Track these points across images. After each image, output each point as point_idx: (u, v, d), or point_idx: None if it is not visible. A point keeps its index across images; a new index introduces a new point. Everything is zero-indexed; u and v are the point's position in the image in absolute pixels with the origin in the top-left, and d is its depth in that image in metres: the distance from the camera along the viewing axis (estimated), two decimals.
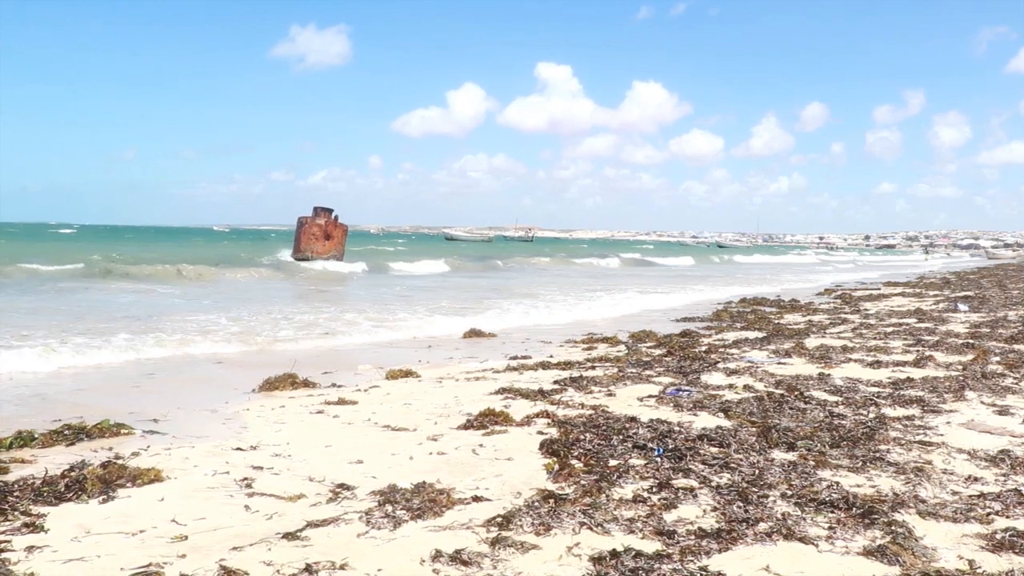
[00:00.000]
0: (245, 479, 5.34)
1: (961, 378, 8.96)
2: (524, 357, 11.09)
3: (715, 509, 4.70)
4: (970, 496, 4.99)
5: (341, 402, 7.91)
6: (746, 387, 8.57)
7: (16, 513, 4.57)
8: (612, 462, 5.61)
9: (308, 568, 3.86)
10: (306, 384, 8.85)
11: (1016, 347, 11.51)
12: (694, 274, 41.37)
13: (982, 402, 7.82)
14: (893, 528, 4.35)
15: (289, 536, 4.28)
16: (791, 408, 7.42)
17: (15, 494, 4.83)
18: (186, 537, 4.28)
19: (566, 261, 54.16)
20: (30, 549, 4.09)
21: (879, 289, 27.18)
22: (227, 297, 20.35)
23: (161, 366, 10.07)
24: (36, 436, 6.18)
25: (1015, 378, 9.05)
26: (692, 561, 3.94)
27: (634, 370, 9.73)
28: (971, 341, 12.15)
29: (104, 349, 10.74)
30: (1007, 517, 4.62)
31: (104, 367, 9.77)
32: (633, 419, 6.94)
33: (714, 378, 9.16)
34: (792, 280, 35.15)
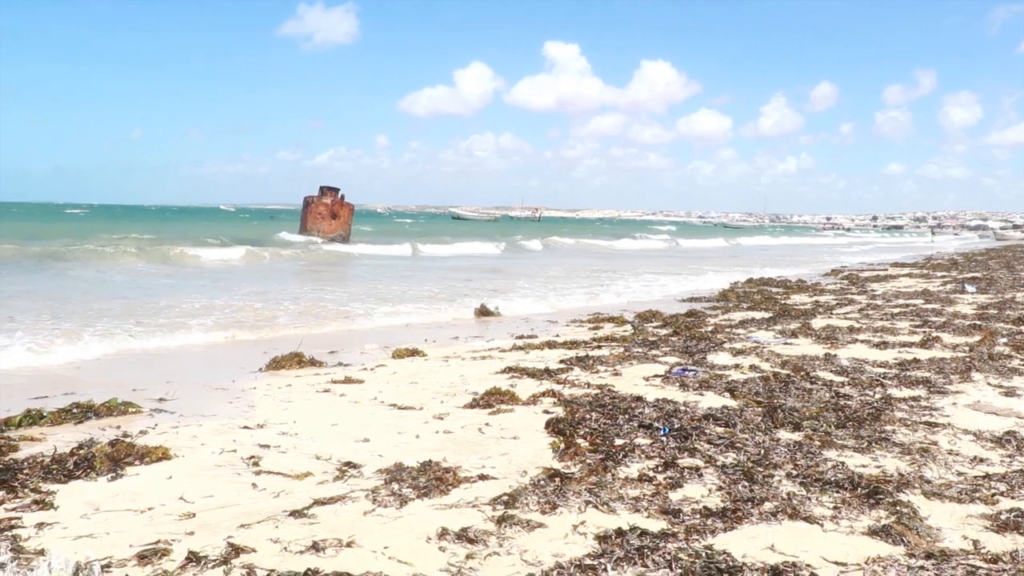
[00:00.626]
0: (252, 457, 5.37)
1: (968, 359, 8.94)
2: (530, 336, 11.10)
3: (720, 488, 4.71)
4: (975, 477, 4.99)
5: (347, 381, 7.93)
6: (752, 367, 8.56)
7: (26, 490, 4.61)
8: (618, 441, 5.63)
9: (315, 545, 3.88)
10: (312, 363, 8.87)
11: (1023, 328, 11.47)
12: (728, 256, 40.21)
13: (988, 383, 7.81)
14: (898, 508, 4.36)
15: (296, 514, 4.30)
16: (797, 388, 7.41)
17: (25, 472, 4.87)
18: (194, 515, 4.32)
19: (601, 241, 53.10)
20: (40, 526, 4.13)
21: (886, 270, 27.08)
22: (262, 276, 20.41)
23: (169, 345, 10.09)
24: (45, 415, 6.22)
25: (1022, 360, 9.02)
26: (697, 540, 3.96)
27: (640, 350, 9.73)
28: (978, 322, 12.11)
29: (120, 331, 10.80)
30: (1012, 498, 4.62)
31: (121, 347, 9.78)
32: (639, 398, 6.94)
33: (720, 358, 9.15)
34: (828, 261, 34.58)
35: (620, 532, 4.00)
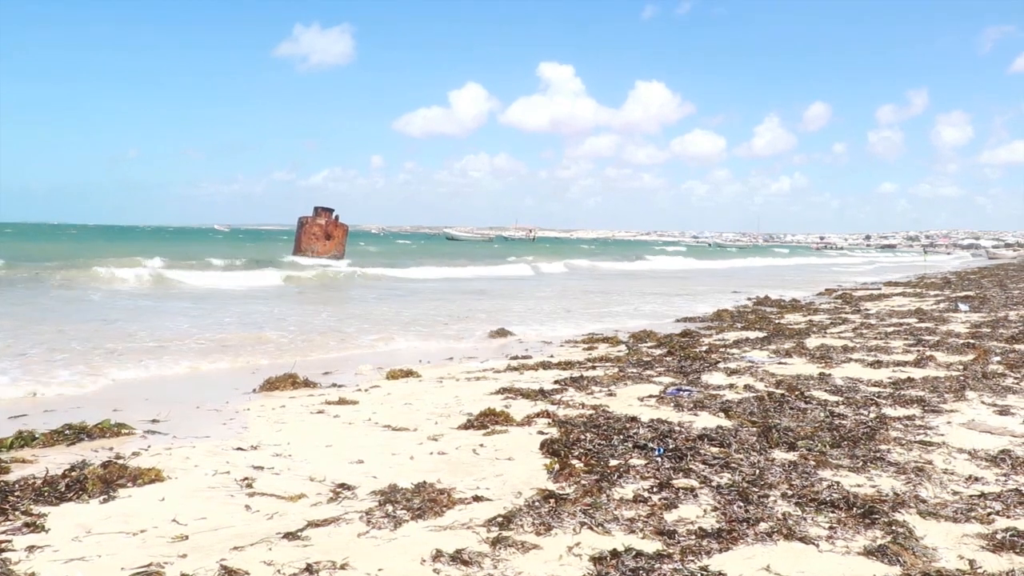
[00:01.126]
0: (246, 479, 5.34)
1: (962, 378, 8.96)
2: (525, 357, 11.10)
3: (716, 509, 4.70)
4: (971, 496, 4.99)
5: (342, 402, 7.91)
6: (746, 387, 8.56)
7: (17, 513, 4.57)
8: (613, 462, 5.61)
9: (309, 568, 3.86)
10: (307, 384, 8.85)
11: (1017, 347, 11.50)
12: (727, 277, 39.46)
13: (983, 402, 7.82)
14: (894, 528, 4.35)
15: (290, 536, 4.28)
16: (791, 408, 7.41)
17: (16, 494, 4.83)
18: (187, 537, 4.29)
19: (618, 264, 52.82)
20: (31, 549, 4.10)
21: (879, 289, 27.17)
22: (275, 298, 20.34)
23: (162, 367, 10.04)
24: (37, 436, 6.18)
25: (1016, 378, 9.04)
26: (693, 561, 3.94)
27: (635, 370, 9.73)
28: (972, 341, 12.15)
29: (114, 355, 10.75)
30: (1008, 517, 4.61)
31: (114, 372, 9.75)
32: (634, 419, 6.93)
33: (715, 378, 9.15)
34: (823, 280, 34.12)
35: (615, 553, 3.98)
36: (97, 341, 11.43)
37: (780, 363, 10.33)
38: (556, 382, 8.90)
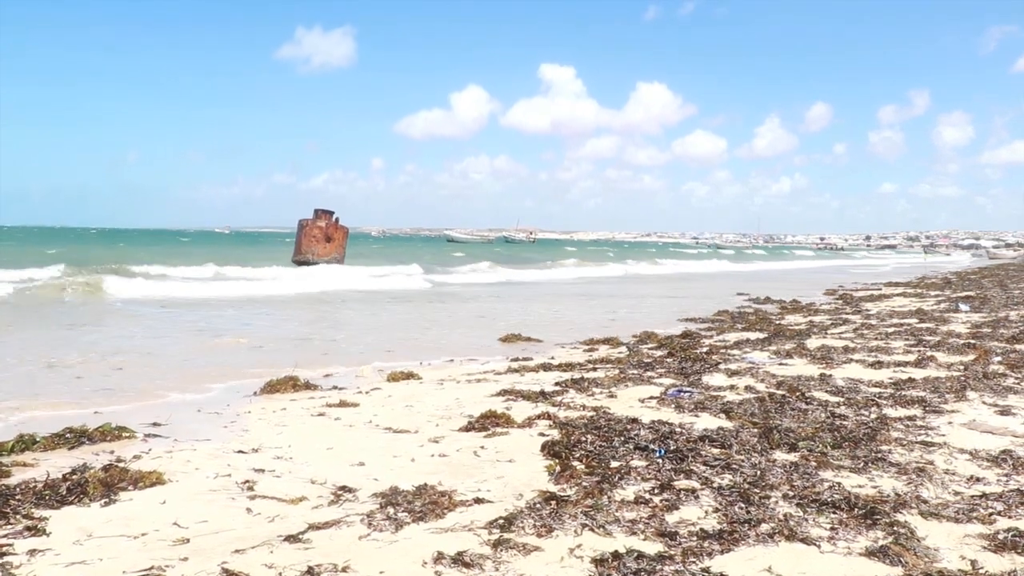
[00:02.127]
0: (247, 481, 5.34)
1: (963, 378, 8.95)
2: (525, 359, 11.09)
3: (717, 510, 4.69)
4: (972, 496, 4.98)
5: (342, 404, 7.90)
6: (747, 388, 8.56)
7: (18, 516, 4.57)
8: (614, 463, 5.61)
9: (310, 571, 3.86)
10: (307, 386, 8.84)
11: (1018, 347, 11.50)
12: (735, 278, 39.09)
13: (984, 402, 7.81)
14: (895, 529, 4.35)
15: (291, 538, 4.28)
16: (792, 409, 7.41)
17: (17, 497, 4.83)
18: (188, 540, 4.29)
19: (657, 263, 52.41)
20: (32, 552, 4.10)
21: (880, 289, 27.16)
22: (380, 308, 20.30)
23: (162, 377, 10.05)
24: (38, 439, 6.18)
25: (1017, 378, 9.04)
26: (694, 562, 3.94)
27: (635, 371, 9.73)
28: (972, 341, 12.14)
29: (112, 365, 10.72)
30: (1009, 517, 4.61)
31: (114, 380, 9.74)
32: (634, 420, 6.93)
33: (715, 379, 9.15)
34: (825, 283, 33.35)
35: (617, 555, 3.98)
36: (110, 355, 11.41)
37: (781, 364, 10.32)
38: (557, 384, 8.90)
